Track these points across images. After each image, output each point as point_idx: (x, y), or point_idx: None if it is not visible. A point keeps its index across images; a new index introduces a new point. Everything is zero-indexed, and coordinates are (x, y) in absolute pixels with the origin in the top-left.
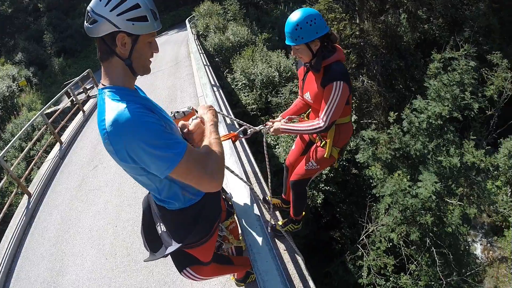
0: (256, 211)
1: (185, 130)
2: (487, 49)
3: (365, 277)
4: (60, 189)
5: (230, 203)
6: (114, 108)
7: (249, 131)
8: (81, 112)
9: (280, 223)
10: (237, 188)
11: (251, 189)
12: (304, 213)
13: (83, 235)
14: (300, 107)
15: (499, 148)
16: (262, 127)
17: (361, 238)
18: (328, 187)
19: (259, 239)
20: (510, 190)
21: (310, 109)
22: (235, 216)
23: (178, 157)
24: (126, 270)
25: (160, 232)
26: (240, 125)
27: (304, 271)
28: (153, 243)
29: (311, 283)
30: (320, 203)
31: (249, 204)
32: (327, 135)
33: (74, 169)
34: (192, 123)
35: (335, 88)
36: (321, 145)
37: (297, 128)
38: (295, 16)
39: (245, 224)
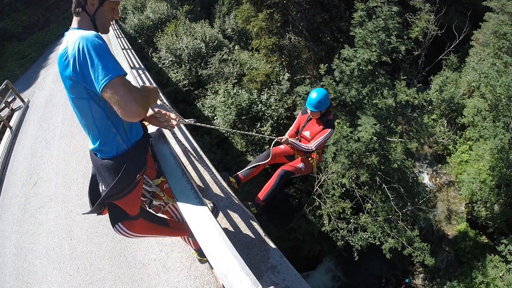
0: (196, 185)
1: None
2: None
3: (327, 224)
4: (6, 216)
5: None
6: (80, 32)
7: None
8: (8, 129)
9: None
10: (171, 168)
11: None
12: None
13: (42, 258)
14: (291, 135)
15: (430, 85)
16: (191, 121)
17: (315, 189)
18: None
19: (200, 216)
20: (445, 121)
21: (301, 139)
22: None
23: (116, 73)
24: (92, 281)
25: (101, 191)
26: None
27: (262, 235)
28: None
29: (271, 244)
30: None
31: (186, 181)
32: (313, 155)
33: (15, 191)
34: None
35: (329, 132)
36: (309, 160)
37: (298, 144)
38: (316, 94)
39: (184, 204)
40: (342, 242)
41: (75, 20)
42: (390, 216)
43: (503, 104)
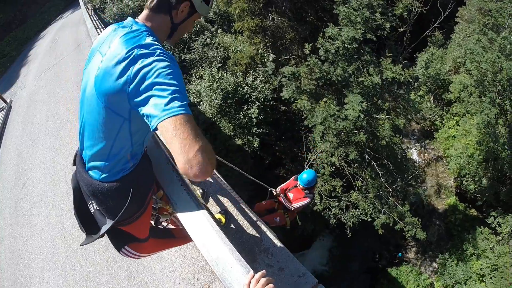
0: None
1: None
2: None
3: (318, 203)
4: None
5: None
6: (155, 44)
7: None
8: None
9: None
10: (156, 157)
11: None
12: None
13: (37, 260)
14: (282, 189)
15: (415, 62)
16: None
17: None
18: (261, 129)
19: (187, 204)
20: (432, 97)
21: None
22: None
23: (184, 110)
24: (89, 277)
25: (92, 210)
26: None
27: (254, 218)
28: (88, 223)
29: (263, 227)
30: (257, 146)
31: (171, 170)
32: (289, 214)
33: (5, 195)
34: None
35: (308, 201)
36: (285, 215)
37: (285, 201)
38: (307, 175)
39: (170, 192)
40: (335, 220)
41: (148, 16)
42: (381, 193)
43: (489, 80)
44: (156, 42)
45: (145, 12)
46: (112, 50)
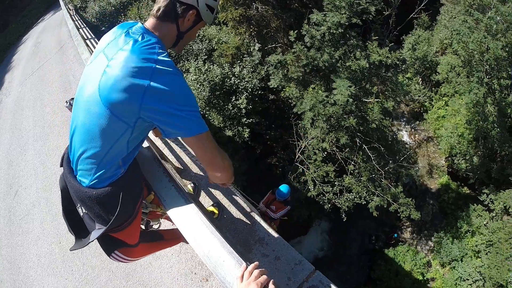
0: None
1: None
2: None
3: (312, 189)
4: None
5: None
6: (168, 60)
7: None
8: None
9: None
10: (142, 154)
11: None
12: None
13: (35, 267)
14: (264, 202)
15: (402, 44)
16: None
17: (297, 156)
18: (251, 119)
19: (175, 200)
20: (420, 79)
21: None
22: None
23: (205, 128)
24: (88, 280)
25: (81, 214)
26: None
27: (248, 209)
28: (77, 226)
29: (257, 217)
30: (248, 136)
31: (158, 166)
32: (275, 222)
33: None
34: None
35: (287, 208)
36: (272, 225)
37: (269, 213)
38: (282, 190)
39: (158, 190)
40: (329, 205)
41: (155, 24)
42: (373, 175)
43: (476, 60)
44: (169, 59)
45: (151, 20)
46: (121, 58)
